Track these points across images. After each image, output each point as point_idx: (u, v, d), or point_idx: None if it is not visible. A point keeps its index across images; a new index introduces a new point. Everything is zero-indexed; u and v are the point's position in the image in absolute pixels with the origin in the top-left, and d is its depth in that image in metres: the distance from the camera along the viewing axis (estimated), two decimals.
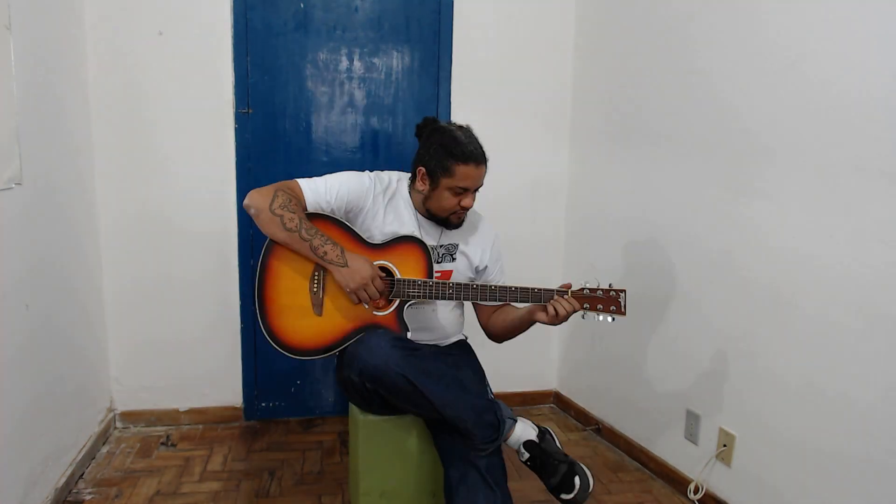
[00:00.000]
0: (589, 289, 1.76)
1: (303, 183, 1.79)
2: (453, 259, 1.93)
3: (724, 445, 2.06)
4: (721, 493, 2.09)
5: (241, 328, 2.70)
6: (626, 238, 2.52)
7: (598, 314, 1.75)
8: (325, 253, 1.71)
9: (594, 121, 2.71)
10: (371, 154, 2.70)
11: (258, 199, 1.72)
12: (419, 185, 1.85)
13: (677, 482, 2.26)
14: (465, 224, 1.92)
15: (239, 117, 2.57)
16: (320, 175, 1.84)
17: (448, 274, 1.92)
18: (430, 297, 1.77)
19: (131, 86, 2.48)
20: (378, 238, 1.83)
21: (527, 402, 3.01)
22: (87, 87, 2.43)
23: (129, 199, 2.54)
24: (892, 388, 1.56)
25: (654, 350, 2.38)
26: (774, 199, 1.86)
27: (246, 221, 2.60)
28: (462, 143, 1.77)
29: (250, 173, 2.60)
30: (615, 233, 2.56)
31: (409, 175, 1.93)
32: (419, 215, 1.90)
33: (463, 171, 1.76)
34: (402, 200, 1.90)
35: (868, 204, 1.60)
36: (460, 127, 1.83)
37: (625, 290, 1.75)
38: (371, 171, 1.93)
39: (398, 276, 1.78)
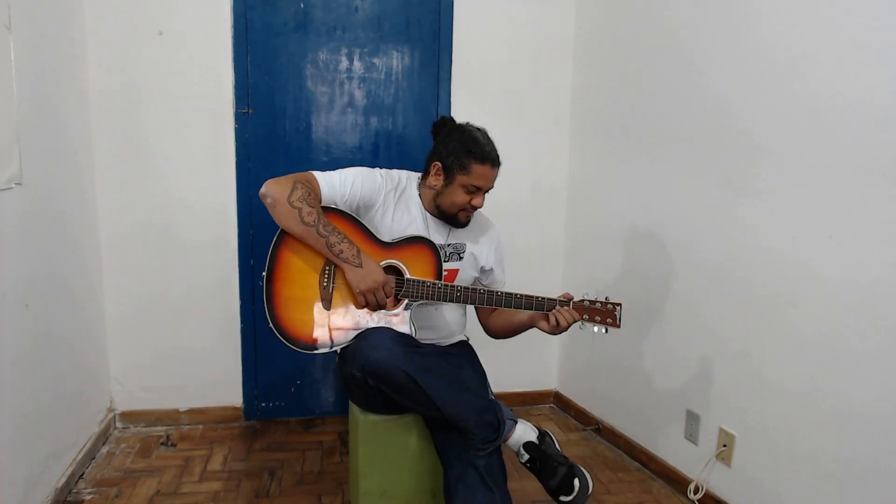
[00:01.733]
0: (589, 300, 1.79)
1: (319, 176, 1.78)
2: (461, 258, 1.94)
3: (724, 445, 2.06)
4: (721, 494, 2.09)
5: (242, 328, 2.70)
6: (625, 239, 2.52)
7: (594, 325, 1.79)
8: (342, 251, 1.70)
9: (594, 122, 2.71)
10: (371, 154, 2.70)
11: (276, 189, 1.69)
12: (432, 180, 1.87)
13: (677, 482, 2.26)
14: (472, 225, 1.95)
15: (239, 117, 2.57)
16: None
17: (454, 272, 1.93)
18: (438, 299, 1.78)
19: (131, 86, 2.48)
20: (386, 236, 1.83)
21: (527, 402, 3.01)
22: (87, 87, 2.43)
23: (128, 197, 2.54)
24: (892, 389, 1.56)
25: (655, 350, 2.38)
26: (774, 200, 1.86)
27: (246, 221, 2.60)
28: (481, 144, 1.82)
29: (250, 173, 2.60)
30: (615, 234, 2.56)
31: (418, 175, 1.95)
32: (428, 214, 1.92)
33: (479, 170, 1.80)
34: (412, 199, 1.92)
35: (868, 205, 1.60)
36: (479, 129, 1.88)
37: (621, 304, 1.78)
38: (380, 168, 1.93)
39: (408, 275, 1.79)
